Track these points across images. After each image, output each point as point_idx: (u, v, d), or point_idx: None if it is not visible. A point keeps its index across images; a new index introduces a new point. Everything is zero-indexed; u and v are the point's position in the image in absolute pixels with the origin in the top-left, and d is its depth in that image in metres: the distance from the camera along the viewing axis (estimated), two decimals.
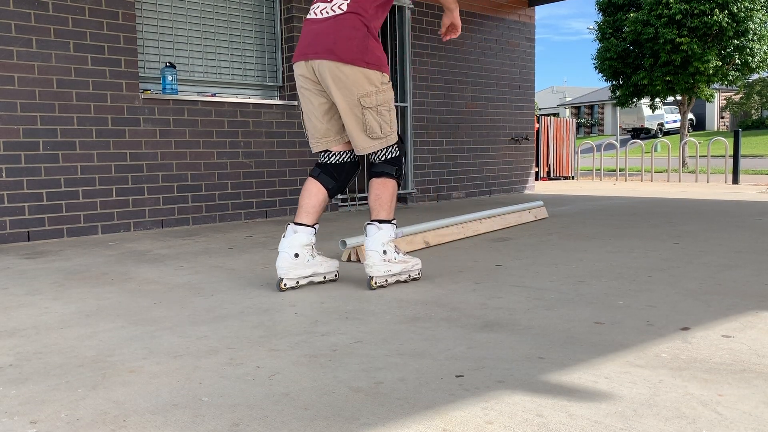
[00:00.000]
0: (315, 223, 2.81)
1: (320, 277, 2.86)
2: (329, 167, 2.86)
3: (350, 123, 2.72)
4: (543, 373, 1.68)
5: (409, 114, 6.83)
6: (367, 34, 2.67)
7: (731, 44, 16.40)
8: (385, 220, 2.75)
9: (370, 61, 2.66)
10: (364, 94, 2.67)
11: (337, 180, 2.86)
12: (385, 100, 2.74)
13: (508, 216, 4.79)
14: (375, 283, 2.72)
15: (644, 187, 9.36)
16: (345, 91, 2.67)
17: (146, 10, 5.16)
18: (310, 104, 2.81)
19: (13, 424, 1.44)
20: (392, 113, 2.78)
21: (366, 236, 2.76)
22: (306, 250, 2.76)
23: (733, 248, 3.62)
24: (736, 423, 1.36)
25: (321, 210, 2.82)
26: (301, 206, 2.80)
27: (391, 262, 2.74)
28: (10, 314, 2.45)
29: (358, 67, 2.64)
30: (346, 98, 2.68)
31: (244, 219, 5.61)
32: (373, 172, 2.80)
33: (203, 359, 1.86)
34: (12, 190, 4.40)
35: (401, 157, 2.84)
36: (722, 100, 37.59)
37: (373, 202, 2.77)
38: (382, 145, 2.76)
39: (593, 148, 12.49)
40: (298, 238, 2.73)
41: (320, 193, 2.82)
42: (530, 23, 8.33)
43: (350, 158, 2.90)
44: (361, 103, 2.68)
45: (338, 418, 1.43)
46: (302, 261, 2.76)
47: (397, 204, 3.68)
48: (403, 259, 2.80)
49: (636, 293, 2.57)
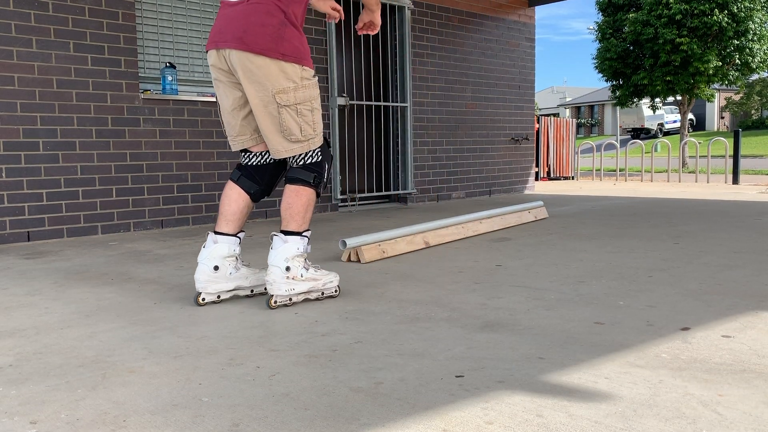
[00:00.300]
0: (238, 232, 2.56)
1: (246, 290, 2.63)
2: (250, 169, 2.59)
3: (265, 122, 2.43)
4: (543, 373, 1.68)
5: (409, 114, 6.83)
6: (284, 21, 2.38)
7: (731, 44, 16.40)
8: (294, 232, 2.46)
9: (286, 53, 2.37)
10: (280, 90, 2.37)
11: (259, 183, 2.58)
12: (307, 98, 2.44)
13: (508, 216, 4.79)
14: (274, 302, 2.44)
15: (644, 187, 9.36)
16: (257, 85, 2.37)
17: (146, 10, 5.16)
18: (225, 98, 2.53)
19: (13, 424, 1.44)
20: (316, 114, 2.48)
21: (270, 248, 2.48)
22: (228, 262, 2.52)
23: (733, 248, 3.62)
24: (736, 423, 1.36)
25: (244, 217, 2.56)
26: (221, 213, 2.55)
27: (295, 279, 2.44)
28: (10, 314, 2.45)
29: (271, 59, 2.35)
30: (259, 94, 2.38)
31: None
32: (288, 178, 2.50)
33: (203, 359, 1.86)
34: (12, 190, 4.40)
35: (323, 163, 2.52)
36: (722, 100, 37.59)
37: (284, 211, 2.48)
38: (303, 150, 2.47)
39: (593, 149, 12.49)
40: (218, 249, 2.49)
41: (241, 198, 2.55)
42: (530, 23, 8.33)
43: (273, 159, 2.61)
44: (277, 100, 2.38)
45: (338, 418, 1.43)
46: (223, 274, 2.52)
47: (395, 204, 3.60)
48: (313, 276, 2.50)
49: (636, 293, 2.57)
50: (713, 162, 16.20)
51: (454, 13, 7.31)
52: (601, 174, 12.28)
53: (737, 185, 9.57)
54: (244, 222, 2.58)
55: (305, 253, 2.49)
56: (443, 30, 7.20)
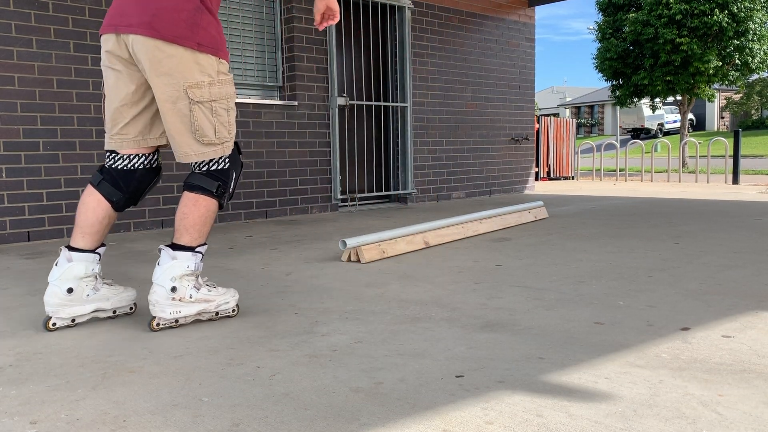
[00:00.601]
0: (98, 246, 2.22)
1: (108, 312, 2.30)
2: (114, 173, 2.23)
3: (172, 121, 2.12)
4: (543, 373, 1.68)
5: (409, 114, 6.83)
6: (200, 6, 2.11)
7: (731, 44, 16.40)
8: (186, 247, 2.15)
9: (202, 42, 2.10)
10: (193, 85, 2.09)
11: (123, 190, 2.23)
12: (223, 95, 2.16)
13: (508, 216, 4.79)
14: (156, 325, 2.14)
15: (644, 187, 9.36)
16: (167, 78, 2.07)
17: None
18: (117, 90, 2.18)
19: (13, 424, 1.44)
20: (231, 114, 2.20)
21: (157, 263, 2.16)
22: (85, 282, 2.19)
23: (733, 248, 3.62)
24: (736, 423, 1.36)
25: (105, 229, 2.22)
26: (77, 224, 2.19)
27: (182, 301, 2.14)
28: (10, 314, 2.45)
29: (185, 49, 2.07)
30: (168, 88, 2.09)
31: (244, 219, 5.61)
32: (187, 184, 2.18)
33: (203, 359, 1.86)
34: (12, 190, 4.40)
35: (231, 172, 2.21)
36: (722, 100, 37.60)
37: (178, 221, 2.16)
38: (216, 154, 2.17)
39: (593, 148, 12.50)
40: (73, 270, 2.15)
41: (100, 207, 2.20)
42: (530, 23, 8.32)
43: (146, 163, 2.27)
44: (189, 95, 2.09)
45: (338, 418, 1.43)
46: (79, 296, 2.19)
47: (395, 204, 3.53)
48: (205, 296, 2.20)
49: (636, 293, 2.57)
50: (713, 162, 16.20)
51: (454, 13, 7.31)
52: (601, 174, 12.28)
53: (737, 185, 9.57)
54: (105, 234, 2.23)
55: (197, 271, 2.18)
56: (443, 30, 7.20)
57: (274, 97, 6.03)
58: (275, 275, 3.10)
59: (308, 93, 5.99)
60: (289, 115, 5.85)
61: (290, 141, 5.87)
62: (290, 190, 5.90)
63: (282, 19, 5.97)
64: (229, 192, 2.22)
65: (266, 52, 5.96)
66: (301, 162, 5.95)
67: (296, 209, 5.97)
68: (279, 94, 6.05)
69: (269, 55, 5.99)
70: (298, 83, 5.90)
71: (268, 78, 5.98)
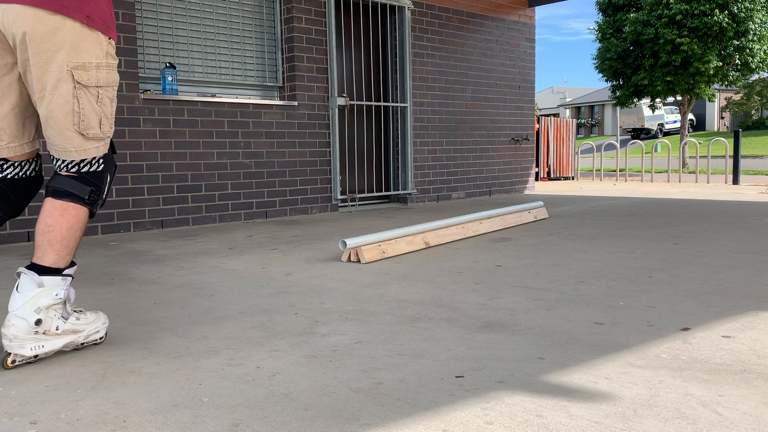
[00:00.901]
0: None
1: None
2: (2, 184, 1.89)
3: (51, 108, 1.76)
4: (543, 373, 1.68)
5: (409, 114, 6.83)
6: None
7: (731, 44, 16.40)
8: (53, 269, 1.79)
9: (92, 15, 1.75)
10: (79, 65, 1.75)
11: (11, 202, 1.90)
12: (110, 82, 1.83)
13: (508, 216, 4.79)
14: (11, 362, 1.78)
15: (644, 187, 9.36)
16: (47, 55, 1.72)
17: (146, 10, 5.16)
18: None
19: (13, 424, 1.44)
20: (114, 106, 1.88)
21: (15, 289, 1.78)
22: None
23: (733, 248, 3.62)
24: (736, 423, 1.36)
25: None
26: None
27: (47, 334, 1.79)
28: None
29: (72, 21, 1.72)
30: (49, 67, 1.73)
31: (244, 219, 5.61)
32: (52, 189, 1.80)
33: (203, 359, 1.86)
34: None
35: (104, 175, 1.87)
36: (722, 100, 37.60)
37: (41, 234, 1.78)
38: (98, 152, 1.84)
39: (593, 149, 12.50)
40: None
41: None
42: (530, 23, 8.33)
43: (34, 170, 1.95)
44: (75, 77, 1.74)
45: (338, 418, 1.43)
46: None
47: (395, 205, 3.48)
48: (73, 327, 1.85)
49: (636, 293, 2.57)
50: (713, 162, 16.20)
51: (454, 13, 7.31)
52: (601, 174, 12.27)
53: (737, 185, 9.57)
54: None
55: (66, 298, 1.83)
56: (443, 30, 7.20)
57: (274, 97, 6.03)
58: (275, 275, 3.10)
59: (308, 93, 5.99)
60: (289, 115, 5.85)
61: (290, 141, 5.87)
62: (290, 190, 5.90)
63: (282, 19, 5.97)
64: (102, 199, 1.88)
65: (266, 52, 5.96)
66: (301, 162, 5.95)
67: (296, 209, 5.97)
68: (279, 95, 6.05)
69: (269, 55, 5.99)
70: (298, 83, 5.90)
71: (268, 78, 5.98)
